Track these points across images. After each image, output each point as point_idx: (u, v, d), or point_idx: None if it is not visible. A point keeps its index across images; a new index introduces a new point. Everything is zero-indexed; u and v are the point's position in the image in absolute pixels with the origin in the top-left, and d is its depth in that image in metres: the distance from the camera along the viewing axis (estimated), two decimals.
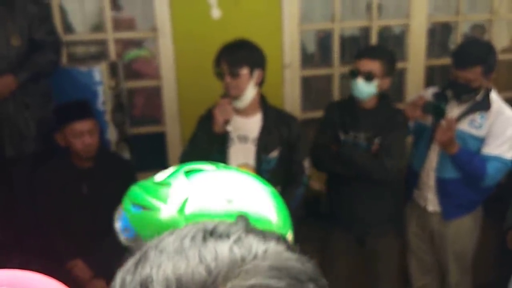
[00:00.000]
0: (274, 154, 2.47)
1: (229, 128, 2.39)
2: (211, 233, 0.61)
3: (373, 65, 2.56)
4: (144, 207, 1.07)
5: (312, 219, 2.93)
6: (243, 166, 2.43)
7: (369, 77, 2.55)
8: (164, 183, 1.08)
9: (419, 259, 3.02)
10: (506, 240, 3.01)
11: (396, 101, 3.48)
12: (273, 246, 0.61)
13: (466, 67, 2.57)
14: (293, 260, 0.60)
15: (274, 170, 2.47)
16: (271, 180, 2.45)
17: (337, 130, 2.72)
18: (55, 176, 2.66)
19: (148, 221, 1.06)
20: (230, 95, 2.40)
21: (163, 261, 0.58)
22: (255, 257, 0.58)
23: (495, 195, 2.88)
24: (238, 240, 0.60)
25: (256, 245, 0.60)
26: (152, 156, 3.44)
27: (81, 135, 2.58)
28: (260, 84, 2.46)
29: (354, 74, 2.60)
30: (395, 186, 2.84)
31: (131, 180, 2.85)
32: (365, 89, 2.58)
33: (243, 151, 2.44)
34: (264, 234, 0.63)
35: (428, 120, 2.73)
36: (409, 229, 2.99)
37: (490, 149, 2.64)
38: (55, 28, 2.94)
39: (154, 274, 0.57)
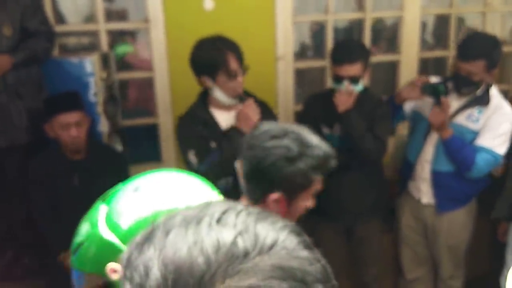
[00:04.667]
0: None
1: None
2: (218, 220, 0.58)
3: (355, 69, 2.54)
4: (78, 245, 1.04)
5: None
6: None
7: (354, 80, 2.55)
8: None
9: (412, 251, 3.03)
10: (497, 232, 3.03)
11: (389, 94, 3.47)
12: (282, 239, 0.57)
13: (469, 59, 2.56)
14: (301, 258, 0.56)
15: None
16: None
17: (318, 124, 2.72)
18: (47, 167, 2.64)
19: (89, 254, 1.03)
20: (239, 94, 2.36)
21: (166, 245, 0.56)
22: (260, 252, 0.54)
23: (489, 189, 2.89)
24: (244, 231, 0.56)
25: (263, 237, 0.56)
26: (145, 148, 3.43)
27: (67, 127, 2.54)
28: None
29: (338, 80, 2.59)
30: (379, 172, 2.85)
31: (123, 172, 2.85)
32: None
33: None
34: (277, 223, 0.59)
35: (426, 110, 2.73)
36: (403, 221, 3.00)
37: (483, 141, 2.65)
38: (48, 18, 2.92)
39: (156, 257, 0.55)
